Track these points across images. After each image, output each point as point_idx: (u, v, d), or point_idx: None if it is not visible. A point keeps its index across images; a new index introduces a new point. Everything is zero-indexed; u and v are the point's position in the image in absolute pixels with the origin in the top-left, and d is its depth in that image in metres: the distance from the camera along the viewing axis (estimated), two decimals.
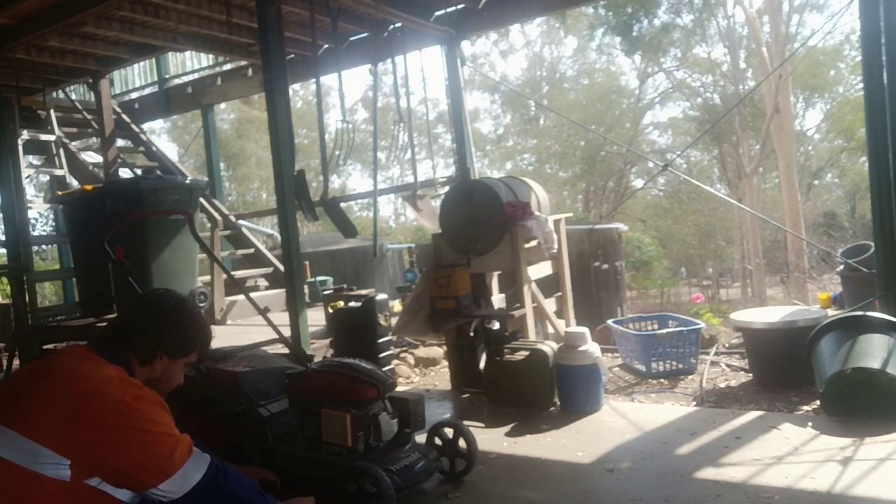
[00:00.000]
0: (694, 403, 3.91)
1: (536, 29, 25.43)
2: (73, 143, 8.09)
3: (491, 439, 3.30)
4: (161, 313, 2.11)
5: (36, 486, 1.72)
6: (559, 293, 5.08)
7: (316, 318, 5.21)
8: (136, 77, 9.13)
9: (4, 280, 7.48)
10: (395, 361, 5.01)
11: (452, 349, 4.54)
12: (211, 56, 7.86)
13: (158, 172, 7.62)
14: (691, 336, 4.50)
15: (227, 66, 8.01)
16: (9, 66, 6.30)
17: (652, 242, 19.51)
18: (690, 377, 4.42)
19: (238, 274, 7.22)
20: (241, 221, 8.14)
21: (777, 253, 17.38)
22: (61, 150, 7.68)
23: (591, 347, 3.69)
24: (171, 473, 1.84)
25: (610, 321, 5.12)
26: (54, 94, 7.67)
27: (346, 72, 6.19)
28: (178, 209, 5.12)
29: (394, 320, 4.66)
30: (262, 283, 7.65)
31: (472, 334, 4.42)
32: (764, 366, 4.09)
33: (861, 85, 6.36)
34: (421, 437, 2.80)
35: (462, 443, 2.78)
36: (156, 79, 8.81)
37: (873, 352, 3.23)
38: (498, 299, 4.83)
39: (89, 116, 8.00)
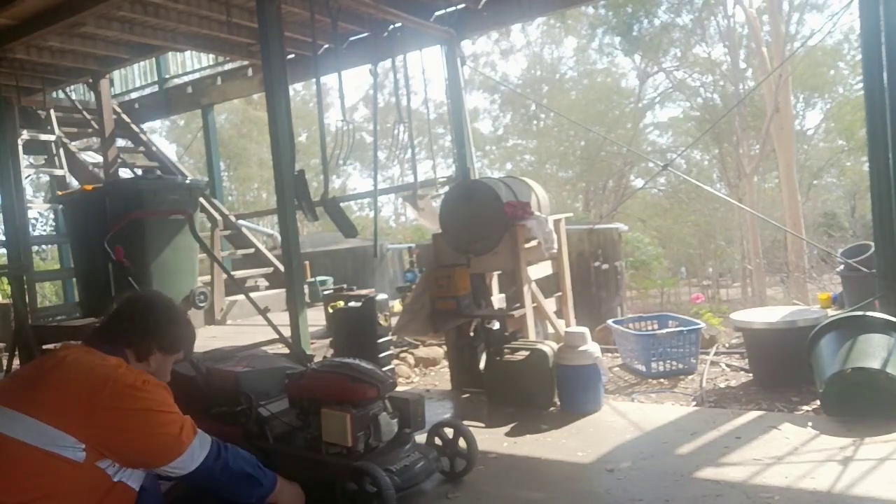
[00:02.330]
0: (694, 403, 3.91)
1: (537, 29, 25.44)
2: (73, 143, 8.09)
3: (491, 439, 3.30)
4: (156, 311, 2.24)
5: (52, 466, 1.82)
6: (559, 293, 5.08)
7: (316, 318, 5.21)
8: (136, 77, 9.13)
9: (4, 280, 7.49)
10: (395, 361, 5.01)
11: (452, 349, 4.54)
12: (211, 56, 7.87)
13: (158, 172, 7.63)
14: (691, 336, 4.50)
15: (227, 66, 8.01)
16: (9, 66, 6.31)
17: (652, 242, 19.49)
18: (690, 377, 4.42)
19: (238, 274, 7.23)
20: (241, 221, 8.15)
21: (777, 253, 17.39)
22: (61, 150, 7.69)
23: (591, 347, 3.69)
24: (181, 452, 1.98)
25: (610, 321, 5.12)
26: (54, 94, 7.68)
27: (346, 72, 6.18)
28: (177, 209, 5.12)
29: (394, 320, 4.66)
30: (262, 283, 7.65)
31: (472, 334, 4.42)
32: (764, 366, 4.09)
33: (861, 85, 6.35)
34: (421, 437, 2.80)
35: (462, 443, 2.78)
36: (156, 79, 8.81)
37: (873, 352, 3.23)
38: (498, 299, 4.82)
39: (89, 116, 8.00)
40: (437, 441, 2.82)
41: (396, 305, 5.67)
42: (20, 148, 7.05)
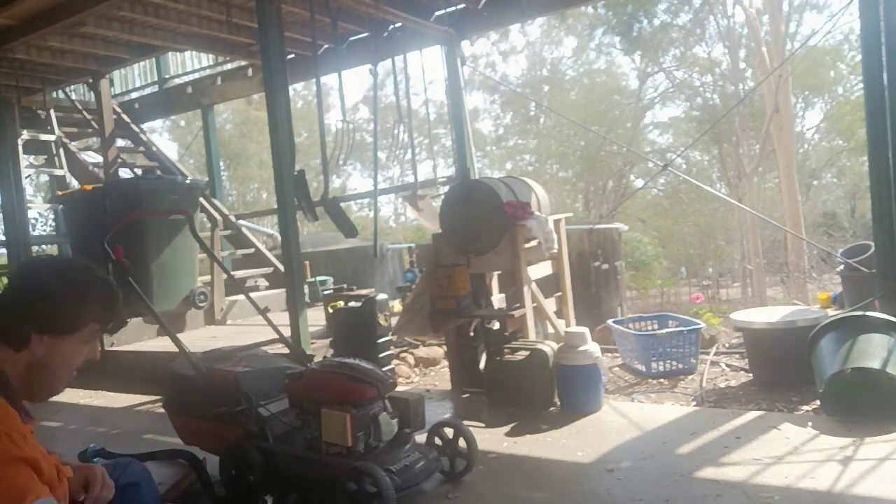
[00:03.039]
0: (694, 403, 3.91)
1: (537, 29, 25.45)
2: (73, 143, 8.09)
3: (491, 439, 3.30)
4: (31, 287, 1.66)
5: None
6: (559, 293, 5.08)
7: (316, 318, 5.21)
8: (136, 77, 9.12)
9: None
10: (395, 361, 5.01)
11: (452, 349, 4.54)
12: (211, 56, 7.86)
13: (158, 172, 7.63)
14: (691, 336, 4.50)
15: (227, 66, 8.01)
16: (9, 66, 6.31)
17: (652, 242, 19.49)
18: (690, 377, 4.42)
19: (238, 274, 7.23)
20: (241, 221, 8.14)
21: (777, 253, 17.37)
22: (61, 150, 7.69)
23: (591, 347, 3.70)
24: None
25: (610, 321, 5.12)
26: (54, 94, 7.68)
27: (346, 72, 6.19)
28: (177, 209, 5.12)
29: (394, 320, 4.66)
30: (262, 283, 7.66)
31: (472, 334, 4.42)
32: (764, 366, 4.09)
33: (861, 85, 6.35)
34: (421, 437, 2.80)
35: (462, 443, 2.78)
36: (156, 79, 8.80)
37: (873, 352, 3.23)
38: (498, 299, 4.82)
39: (89, 116, 8.00)
40: (437, 441, 2.83)
41: (396, 305, 5.67)
42: (20, 148, 7.05)
